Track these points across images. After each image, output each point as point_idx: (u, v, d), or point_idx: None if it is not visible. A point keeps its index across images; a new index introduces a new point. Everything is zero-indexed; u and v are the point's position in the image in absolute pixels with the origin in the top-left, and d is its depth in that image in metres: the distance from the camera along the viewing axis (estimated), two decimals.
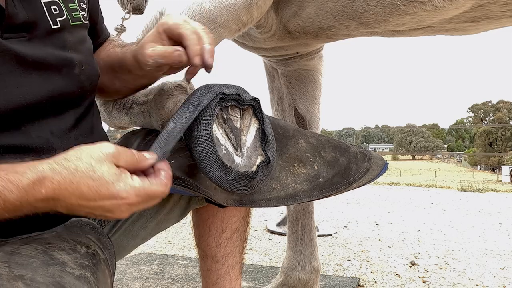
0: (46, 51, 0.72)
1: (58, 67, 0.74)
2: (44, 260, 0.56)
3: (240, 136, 0.74)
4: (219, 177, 0.70)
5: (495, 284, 1.96)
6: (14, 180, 0.54)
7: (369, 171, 0.91)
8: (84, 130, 0.79)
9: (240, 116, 0.76)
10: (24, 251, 0.57)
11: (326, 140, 0.93)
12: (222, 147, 0.71)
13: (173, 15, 0.77)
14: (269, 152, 0.76)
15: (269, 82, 1.62)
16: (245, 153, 0.74)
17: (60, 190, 0.55)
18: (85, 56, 0.80)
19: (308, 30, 1.16)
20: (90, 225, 0.74)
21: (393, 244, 2.73)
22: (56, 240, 0.62)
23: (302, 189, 0.85)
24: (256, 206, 0.84)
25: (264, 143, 0.76)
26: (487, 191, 5.88)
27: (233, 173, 0.70)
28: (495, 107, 72.87)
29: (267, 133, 0.76)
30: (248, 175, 0.72)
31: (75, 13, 0.79)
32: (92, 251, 0.66)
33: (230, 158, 0.72)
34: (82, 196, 0.56)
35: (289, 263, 1.57)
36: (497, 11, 0.99)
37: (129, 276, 2.01)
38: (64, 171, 0.56)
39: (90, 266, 0.61)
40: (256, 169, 0.74)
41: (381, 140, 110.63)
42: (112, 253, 0.74)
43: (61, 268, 0.56)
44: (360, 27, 1.09)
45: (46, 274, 0.53)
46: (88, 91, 0.81)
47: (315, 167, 0.87)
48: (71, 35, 0.78)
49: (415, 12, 0.98)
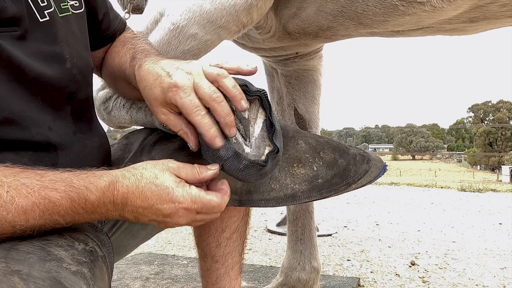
0: (34, 44, 0.70)
1: (47, 61, 0.72)
2: (41, 256, 0.56)
3: (249, 126, 0.75)
4: (231, 164, 0.71)
5: (495, 284, 1.96)
6: (94, 182, 0.61)
7: (368, 173, 0.91)
8: (82, 125, 0.78)
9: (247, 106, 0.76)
10: (22, 247, 0.57)
11: (326, 141, 0.93)
12: (233, 138, 0.72)
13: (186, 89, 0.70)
14: (277, 142, 0.76)
15: (269, 82, 1.62)
16: (253, 144, 0.75)
17: (128, 194, 0.62)
18: (76, 49, 0.78)
19: (307, 31, 1.16)
20: (89, 223, 0.74)
21: (393, 244, 2.74)
22: (54, 237, 0.63)
23: (301, 190, 0.85)
24: (255, 206, 0.84)
25: (272, 133, 0.76)
26: (487, 191, 5.88)
27: (244, 160, 0.71)
28: (495, 107, 72.86)
29: (275, 123, 0.76)
30: (259, 163, 0.72)
31: (63, 4, 0.76)
32: (90, 248, 0.66)
33: (240, 148, 0.73)
34: (145, 200, 0.63)
35: (289, 263, 1.57)
36: (496, 12, 0.99)
37: (129, 276, 2.02)
38: (132, 177, 0.63)
39: (87, 262, 0.61)
40: (266, 158, 0.74)
41: (381, 140, 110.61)
42: (110, 250, 0.74)
43: (58, 263, 0.56)
44: (359, 27, 1.09)
45: (42, 269, 0.53)
46: (82, 85, 0.78)
47: (314, 168, 0.87)
48: (62, 27, 0.75)
49: (414, 12, 0.99)
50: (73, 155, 0.74)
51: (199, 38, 0.96)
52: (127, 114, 0.97)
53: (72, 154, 0.74)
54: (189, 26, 0.95)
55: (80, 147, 0.76)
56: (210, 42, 0.98)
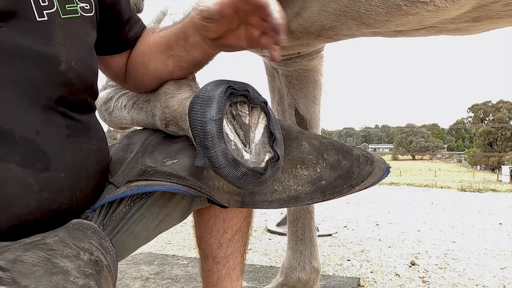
0: (23, 43, 0.68)
1: (36, 62, 0.69)
2: (47, 268, 0.55)
3: (249, 132, 0.74)
4: (229, 171, 0.69)
5: (495, 284, 1.96)
6: None
7: (372, 175, 0.90)
8: (77, 129, 0.76)
9: (248, 112, 0.76)
10: (27, 259, 0.56)
11: (329, 142, 0.92)
12: (232, 143, 0.71)
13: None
14: (278, 150, 0.75)
15: (270, 82, 1.62)
16: (253, 150, 0.74)
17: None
18: (76, 53, 0.75)
19: (310, 30, 1.16)
20: (92, 229, 0.73)
21: (393, 244, 2.73)
22: (59, 246, 0.62)
23: (304, 191, 0.84)
24: (258, 208, 0.84)
25: (272, 140, 0.75)
26: (487, 191, 5.88)
27: (242, 168, 0.70)
28: (495, 107, 72.85)
29: (274, 132, 0.76)
30: (258, 171, 0.71)
31: (69, 5, 0.75)
32: (95, 258, 0.65)
33: (239, 154, 0.72)
34: None
35: (289, 263, 1.57)
36: (499, 11, 0.99)
37: (129, 276, 2.01)
38: None
39: (93, 274, 0.60)
40: (265, 165, 0.73)
41: (381, 140, 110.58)
42: (114, 258, 0.73)
43: (65, 277, 0.55)
44: (362, 27, 1.09)
45: (49, 284, 0.52)
46: (78, 90, 0.76)
47: (318, 170, 0.86)
48: (62, 28, 0.73)
49: (417, 12, 0.98)
50: (67, 159, 0.73)
51: None
52: (128, 114, 0.97)
53: (67, 157, 0.73)
54: None
55: (76, 150, 0.75)
56: None
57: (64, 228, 0.71)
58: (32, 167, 0.67)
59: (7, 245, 0.63)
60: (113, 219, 0.84)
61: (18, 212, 0.66)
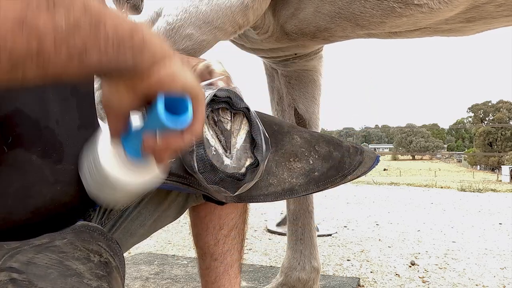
0: None
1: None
2: (61, 271, 0.56)
3: (230, 138, 0.76)
4: (207, 176, 0.71)
5: (495, 284, 1.96)
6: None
7: (362, 164, 0.93)
8: (85, 121, 0.75)
9: (231, 118, 0.77)
10: (40, 261, 0.56)
11: (320, 135, 0.96)
12: (212, 148, 0.73)
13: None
14: (258, 155, 0.77)
15: (269, 82, 1.63)
16: (234, 155, 0.76)
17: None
18: None
19: (305, 32, 1.16)
20: (99, 230, 0.73)
21: (393, 244, 2.74)
22: (69, 248, 0.62)
23: (299, 183, 0.86)
24: (254, 202, 0.85)
25: (254, 146, 0.77)
26: (487, 191, 5.89)
27: (220, 173, 0.72)
28: (495, 107, 72.89)
29: (256, 137, 0.77)
30: (236, 176, 0.73)
31: None
32: (105, 259, 0.65)
33: (220, 159, 0.73)
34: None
35: (289, 263, 1.57)
36: (492, 12, 1.00)
37: (129, 276, 2.02)
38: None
39: (105, 276, 0.61)
40: (245, 171, 0.75)
41: (381, 140, 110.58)
42: (122, 259, 0.74)
43: (79, 279, 0.56)
44: (357, 29, 1.09)
45: (65, 286, 0.53)
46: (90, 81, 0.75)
47: (310, 162, 0.89)
48: None
49: (411, 14, 0.99)
50: (77, 151, 0.71)
51: (195, 39, 0.97)
52: None
53: (76, 150, 0.71)
54: (185, 26, 0.96)
55: (83, 143, 0.75)
56: (205, 42, 0.99)
57: (71, 230, 0.71)
58: (49, 159, 0.66)
59: (17, 247, 0.62)
60: (111, 217, 0.85)
61: (35, 204, 0.66)
